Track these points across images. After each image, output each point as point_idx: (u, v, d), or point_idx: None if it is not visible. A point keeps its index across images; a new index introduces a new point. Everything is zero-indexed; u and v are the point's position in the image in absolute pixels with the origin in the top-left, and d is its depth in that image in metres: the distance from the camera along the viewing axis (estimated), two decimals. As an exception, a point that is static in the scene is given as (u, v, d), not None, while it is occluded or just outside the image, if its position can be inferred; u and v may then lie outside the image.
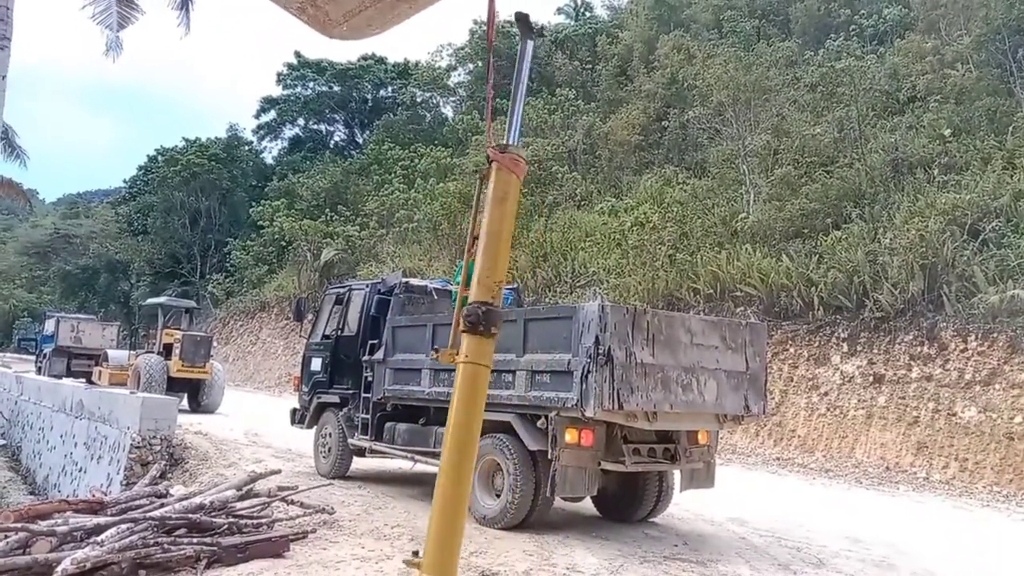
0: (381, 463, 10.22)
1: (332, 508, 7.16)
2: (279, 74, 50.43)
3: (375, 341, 9.04)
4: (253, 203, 42.55)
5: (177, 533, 5.66)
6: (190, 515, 5.66)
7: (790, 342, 16.04)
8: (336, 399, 9.66)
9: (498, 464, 7.26)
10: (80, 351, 27.41)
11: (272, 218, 37.96)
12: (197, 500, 5.93)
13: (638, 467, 7.15)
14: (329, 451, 9.62)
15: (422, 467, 8.85)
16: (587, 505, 8.37)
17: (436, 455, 7.84)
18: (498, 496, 7.24)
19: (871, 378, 14.36)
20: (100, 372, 21.63)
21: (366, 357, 9.03)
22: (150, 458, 10.75)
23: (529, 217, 26.22)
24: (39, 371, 30.31)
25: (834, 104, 21.87)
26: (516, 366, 7.16)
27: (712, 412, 7.24)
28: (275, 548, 5.55)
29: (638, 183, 26.14)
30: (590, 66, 38.17)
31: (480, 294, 3.39)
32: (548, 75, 40.16)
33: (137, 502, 6.12)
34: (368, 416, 8.91)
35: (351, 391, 9.37)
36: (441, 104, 47.36)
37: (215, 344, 21.47)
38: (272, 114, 52.38)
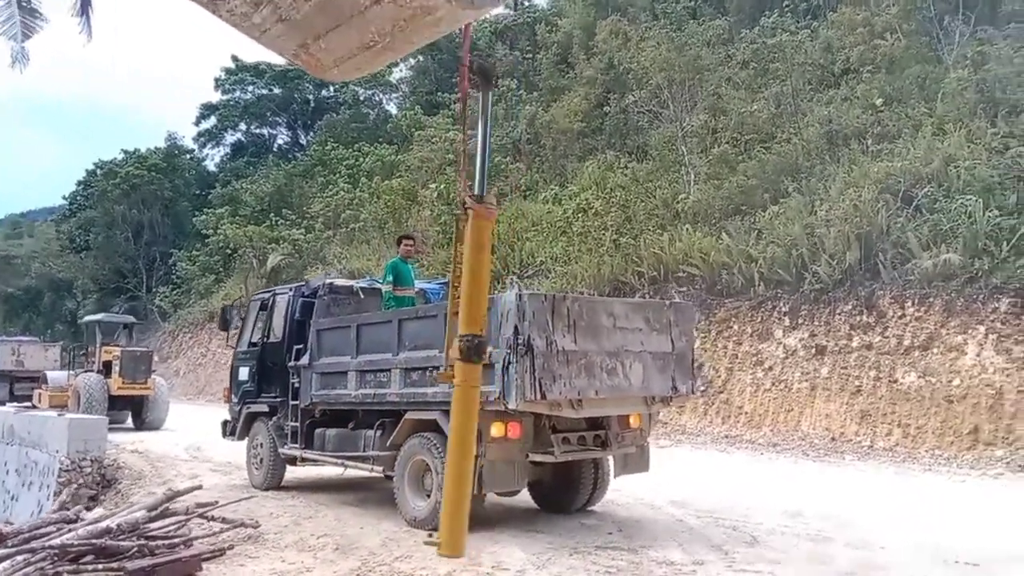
0: (319, 471, 9.98)
1: (256, 522, 6.94)
2: (217, 79, 49.41)
3: (300, 346, 8.79)
4: (197, 212, 41.70)
5: (83, 561, 5.40)
6: (95, 540, 5.39)
7: (733, 319, 16.09)
8: (265, 408, 9.39)
9: (427, 464, 7.08)
10: (22, 374, 26.61)
11: (216, 226, 37.20)
12: (104, 524, 5.67)
13: (568, 456, 7.03)
14: (261, 462, 9.37)
15: (355, 472, 8.62)
16: (525, 497, 8.24)
17: (367, 459, 7.67)
18: (428, 496, 7.06)
19: (813, 350, 14.45)
20: (40, 395, 20.99)
21: (292, 363, 8.78)
22: (80, 481, 10.37)
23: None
24: (-18, 397, 29.42)
25: (769, 80, 22.01)
26: (439, 362, 6.97)
27: (639, 395, 7.14)
28: (186, 569, 5.32)
29: (582, 170, 26.09)
30: (531, 55, 38.01)
31: (469, 327, 4.12)
32: (490, 66, 39.85)
33: (42, 530, 5.83)
34: (297, 424, 8.67)
35: (279, 399, 9.11)
36: (384, 101, 46.93)
37: (156, 359, 20.93)
38: (212, 120, 51.34)
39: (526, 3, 46.08)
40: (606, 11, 35.01)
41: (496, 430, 6.61)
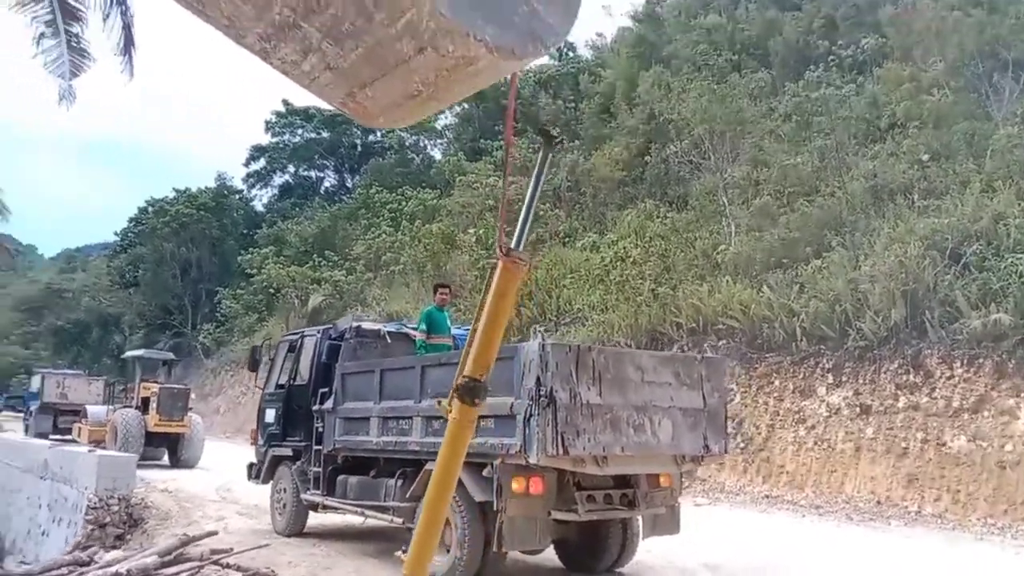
0: (343, 518, 9.82)
1: (273, 571, 6.78)
2: (267, 122, 50.67)
3: (326, 389, 8.70)
4: (243, 251, 42.46)
5: (90, 605, 5.29)
6: (100, 586, 5.29)
7: (774, 374, 15.67)
8: (289, 452, 9.30)
9: (447, 518, 6.87)
10: (66, 407, 26.98)
11: (260, 266, 37.80)
12: (114, 569, 5.57)
13: (593, 515, 6.77)
14: (284, 507, 9.24)
15: (376, 522, 8.44)
16: (551, 556, 7.97)
17: (387, 509, 7.50)
18: (448, 551, 6.84)
19: (858, 409, 13.97)
20: (80, 428, 21.22)
21: (316, 406, 8.69)
22: (107, 519, 10.33)
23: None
24: (26, 430, 29.92)
25: (813, 134, 21.81)
26: (461, 412, 6.81)
27: (668, 453, 6.89)
28: (193, 618, 5.17)
29: (622, 218, 26.00)
30: (573, 104, 38.35)
31: (472, 370, 4.06)
32: (533, 115, 40.37)
33: (53, 573, 5.75)
34: (320, 469, 8.54)
35: (303, 443, 9.01)
36: (428, 147, 47.57)
37: (194, 396, 21.06)
38: (262, 162, 52.53)
39: (570, 54, 46.71)
40: (649, 63, 35.30)
41: (517, 485, 6.40)
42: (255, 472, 10.08)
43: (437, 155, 47.61)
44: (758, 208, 19.52)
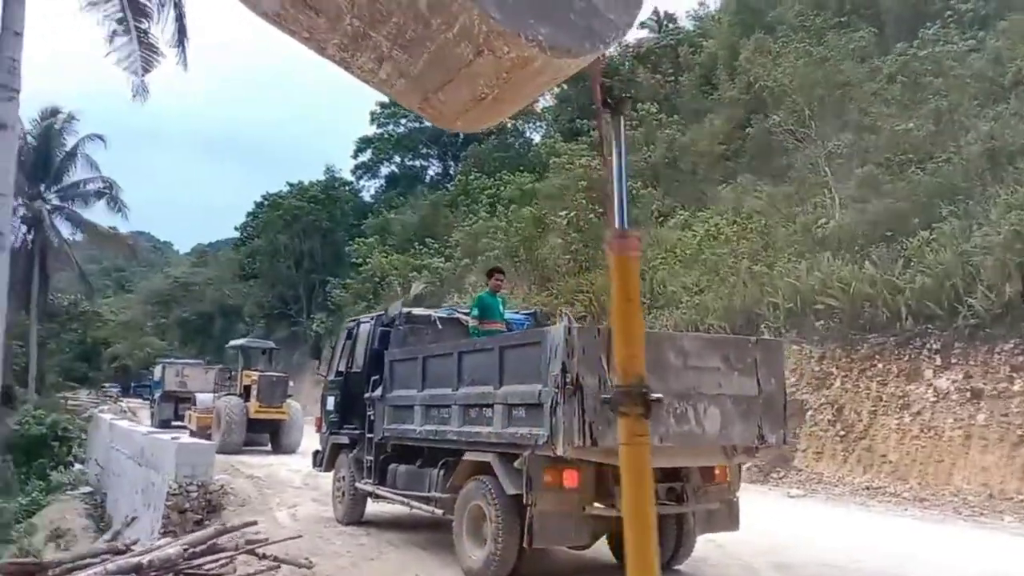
0: (403, 507, 9.74)
1: (310, 561, 6.72)
2: (372, 114, 51.69)
3: (377, 377, 8.60)
4: (352, 241, 43.54)
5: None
6: (119, 576, 5.32)
7: (877, 356, 14.58)
8: (346, 440, 9.27)
9: (483, 510, 6.62)
10: (185, 395, 28.36)
11: (367, 255, 38.66)
12: (136, 559, 5.61)
13: (634, 510, 6.34)
14: (343, 495, 9.24)
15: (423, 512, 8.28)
16: (605, 550, 7.58)
17: (430, 500, 7.32)
18: (484, 545, 6.59)
19: (968, 394, 12.80)
20: (190, 416, 22.24)
21: (368, 394, 8.61)
22: (187, 505, 10.65)
23: (604, 239, 25.46)
24: (151, 417, 31.76)
25: (926, 95, 20.18)
26: (493, 399, 6.55)
27: (716, 444, 6.38)
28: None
29: (720, 195, 24.97)
30: (673, 78, 37.15)
31: (621, 379, 3.28)
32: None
33: (86, 562, 5.86)
34: (372, 458, 8.46)
35: (358, 431, 8.96)
36: (528, 130, 47.29)
37: (292, 384, 21.65)
38: (368, 153, 53.70)
39: (670, 25, 45.29)
40: (752, 31, 33.71)
41: (549, 477, 6.08)
42: (318, 460, 10.15)
43: (536, 138, 47.32)
44: (862, 178, 18.24)
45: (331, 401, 9.82)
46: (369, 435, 8.54)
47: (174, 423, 26.42)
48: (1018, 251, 12.97)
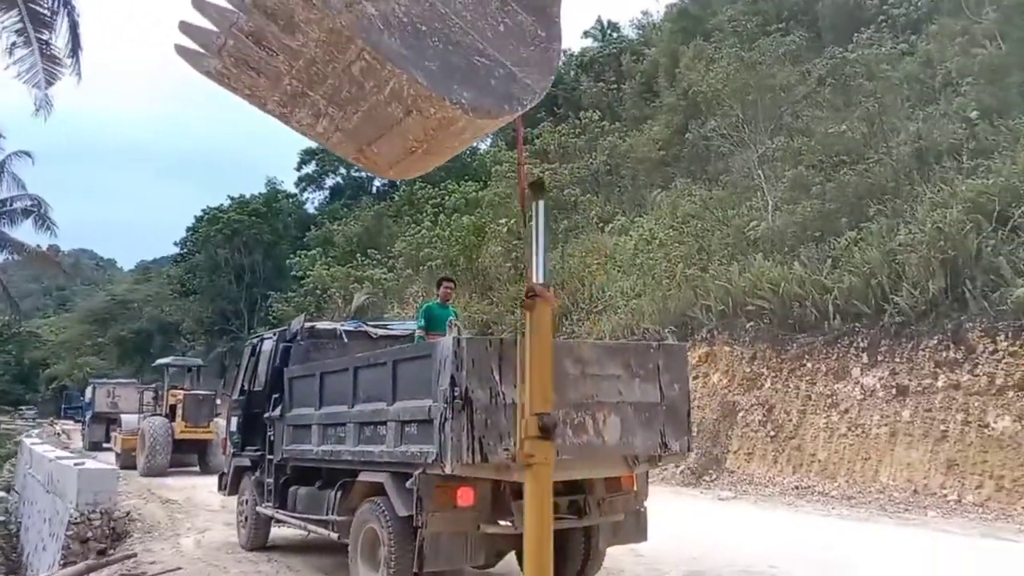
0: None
1: (195, 594, 6.30)
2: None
3: (278, 395, 8.21)
4: (294, 254, 42.77)
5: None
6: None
7: (806, 356, 14.60)
8: (248, 462, 8.85)
9: (377, 533, 6.28)
10: (116, 416, 27.43)
11: (308, 268, 37.98)
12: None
13: (532, 527, 6.06)
14: (246, 520, 8.80)
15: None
16: (514, 567, 7.29)
17: (327, 524, 6.96)
18: (377, 570, 6.25)
19: (894, 390, 12.84)
20: (115, 438, 21.45)
21: (267, 414, 8.21)
22: (89, 534, 10.12)
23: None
24: (83, 439, 30.70)
25: (858, 98, 20.41)
26: (387, 416, 6.23)
27: (617, 454, 6.14)
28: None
29: (658, 200, 24.99)
30: (615, 86, 37.30)
31: (538, 407, 4.15)
32: (574, 99, 39.48)
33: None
34: (272, 480, 8.06)
35: (259, 452, 8.55)
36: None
37: (220, 402, 21.01)
38: (312, 165, 52.90)
39: (613, 35, 45.53)
40: (693, 37, 33.96)
41: (441, 497, 5.77)
42: (223, 483, 9.70)
43: (483, 147, 47.08)
44: (792, 180, 18.33)
45: (234, 421, 9.38)
46: (269, 456, 8.14)
47: (104, 445, 25.51)
48: (941, 248, 13.06)
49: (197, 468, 19.63)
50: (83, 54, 10.06)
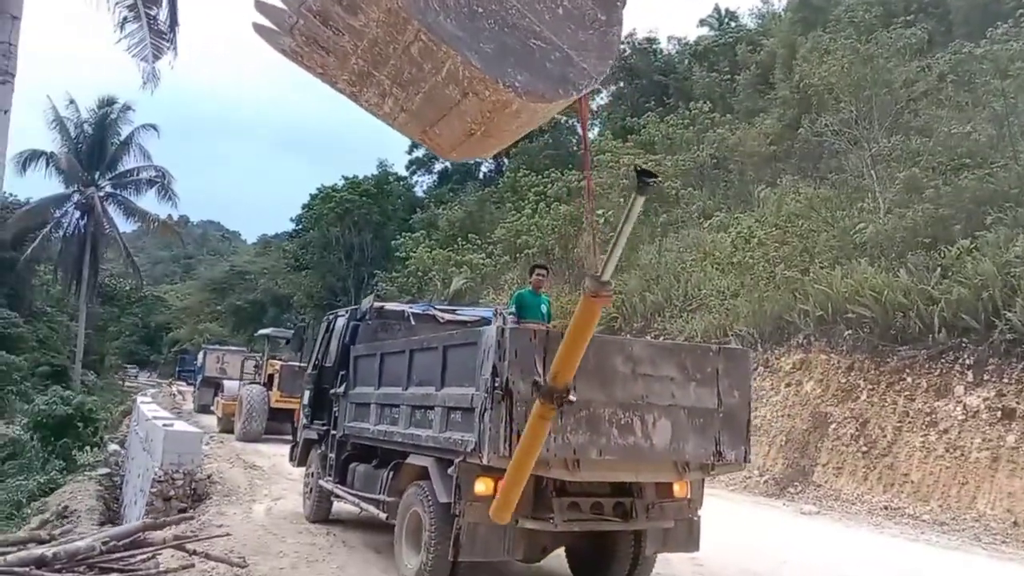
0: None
1: (244, 560, 6.49)
2: (426, 108, 51.67)
3: (344, 372, 8.35)
4: (400, 235, 43.65)
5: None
6: (17, 569, 5.14)
7: (907, 370, 13.76)
8: (315, 436, 9.05)
9: (420, 517, 6.29)
10: (225, 381, 28.78)
11: (411, 250, 38.69)
12: (39, 552, 5.44)
13: (574, 526, 5.94)
14: (311, 492, 9.01)
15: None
16: (562, 564, 7.18)
17: (378, 503, 7.04)
18: (419, 554, 6.27)
19: (999, 413, 11.94)
20: (217, 402, 22.44)
21: (333, 390, 8.36)
22: (172, 493, 10.61)
23: (641, 239, 24.96)
24: (194, 401, 32.39)
25: (985, 96, 19.06)
26: (434, 401, 6.22)
27: (666, 459, 5.92)
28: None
29: (765, 197, 24.11)
30: (729, 77, 36.20)
31: (555, 380, 4.31)
32: (686, 89, 38.61)
33: (4, 548, 5.73)
34: (334, 455, 8.21)
35: (325, 427, 8.72)
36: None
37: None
38: (422, 149, 53.78)
39: (731, 24, 44.15)
40: (813, 27, 32.52)
41: (482, 487, 5.71)
42: (293, 454, 9.97)
43: (591, 136, 46.67)
44: (906, 181, 17.28)
45: (307, 395, 9.62)
46: (333, 431, 8.30)
47: (211, 409, 26.79)
48: (1061, 262, 12.06)
49: (290, 436, 20.31)
50: (179, 30, 10.47)
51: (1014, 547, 10.34)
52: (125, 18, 11.55)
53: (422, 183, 55.58)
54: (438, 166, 55.28)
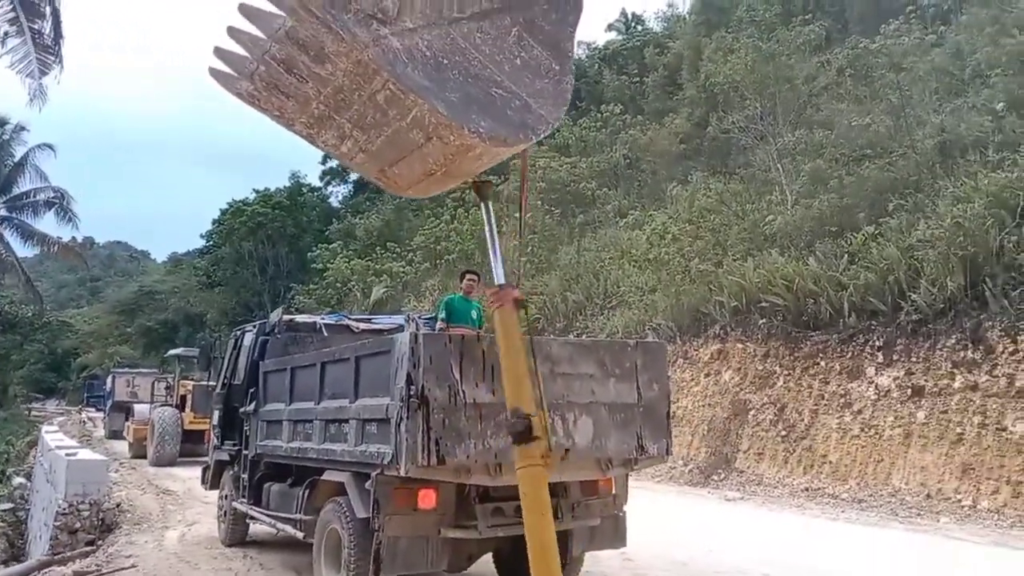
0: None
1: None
2: (338, 118, 50.93)
3: (254, 389, 8.01)
4: (316, 247, 42.80)
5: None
6: None
7: (820, 355, 14.14)
8: (227, 457, 8.67)
9: (339, 535, 6.05)
10: (136, 405, 27.60)
11: (329, 261, 37.98)
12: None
13: (498, 531, 5.80)
14: (225, 515, 8.63)
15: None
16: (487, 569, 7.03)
17: (295, 523, 6.75)
18: (340, 573, 6.02)
19: (909, 391, 12.36)
20: (128, 427, 21.53)
21: (243, 408, 8.02)
22: (77, 525, 10.02)
23: (560, 240, 25.10)
24: (104, 427, 31.00)
25: (883, 90, 19.81)
26: (348, 413, 5.99)
27: (589, 457, 5.84)
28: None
29: (676, 194, 24.53)
30: (638, 79, 36.79)
31: (512, 403, 4.29)
32: (597, 92, 39.03)
33: None
34: (247, 476, 7.87)
35: (236, 447, 8.36)
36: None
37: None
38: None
39: (637, 27, 44.89)
40: (717, 28, 33.34)
41: (400, 499, 5.52)
42: (205, 477, 9.56)
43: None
44: (810, 173, 17.80)
45: (216, 415, 9.22)
46: (245, 451, 7.96)
47: (124, 435, 25.66)
48: (961, 244, 12.54)
49: (206, 458, 19.60)
50: (64, 43, 9.95)
51: (929, 518, 10.69)
52: (7, 33, 10.92)
53: (337, 193, 54.77)
54: (353, 176, 54.51)
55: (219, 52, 2.88)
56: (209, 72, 2.89)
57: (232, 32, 2.76)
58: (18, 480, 19.92)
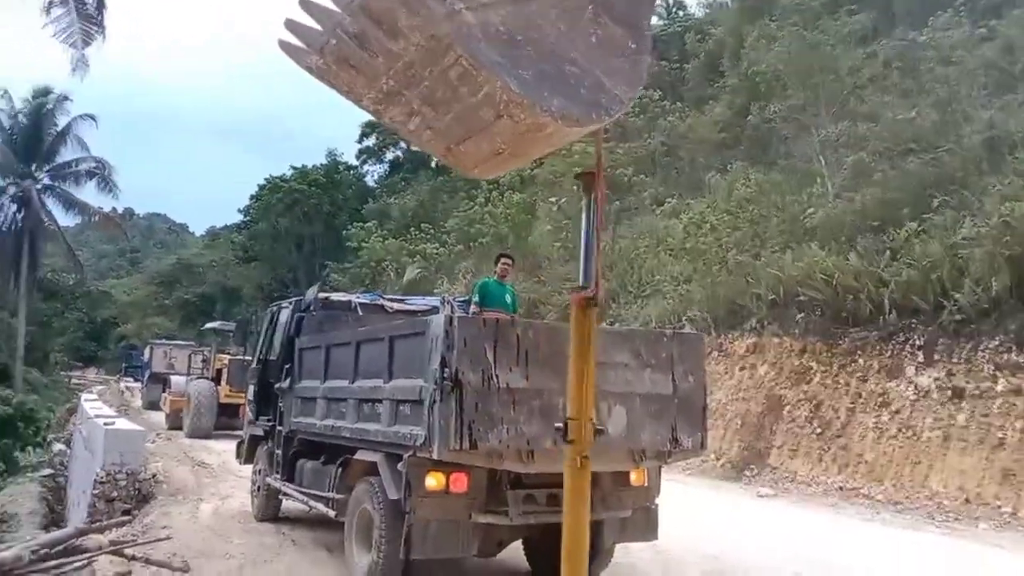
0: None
1: (186, 564, 6.20)
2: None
3: (289, 366, 8.06)
4: (351, 226, 43.04)
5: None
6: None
7: (859, 352, 13.91)
8: (261, 432, 8.75)
9: (370, 515, 6.07)
10: (173, 377, 28.02)
11: (363, 240, 38.17)
12: (-40, 562, 5.11)
13: (529, 519, 5.77)
14: (258, 490, 8.72)
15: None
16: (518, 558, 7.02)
17: (326, 500, 6.79)
18: (370, 552, 6.05)
19: (950, 392, 12.11)
20: (164, 399, 21.86)
21: (278, 384, 8.07)
22: (115, 494, 10.20)
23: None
24: (141, 398, 31.54)
25: (930, 83, 19.33)
26: (382, 394, 5.99)
27: (622, 447, 5.78)
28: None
29: (715, 184, 24.24)
30: (678, 65, 36.34)
31: (570, 410, 4.21)
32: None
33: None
34: (280, 452, 7.93)
35: (271, 423, 8.43)
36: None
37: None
38: (373, 138, 53.07)
39: (679, 13, 44.30)
40: (760, 15, 32.77)
41: (433, 481, 5.50)
42: (240, 451, 9.66)
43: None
44: (853, 166, 17.45)
45: (251, 390, 9.31)
46: (279, 427, 8.02)
47: (160, 405, 26.09)
48: (1007, 243, 12.23)
49: (241, 432, 19.86)
50: (107, 13, 10.01)
51: (966, 524, 10.47)
52: (51, 2, 11.02)
53: (373, 172, 54.97)
54: (389, 155, 54.65)
55: (290, 24, 2.85)
56: (279, 45, 2.88)
57: (305, 4, 2.75)
58: (58, 447, 20.39)
